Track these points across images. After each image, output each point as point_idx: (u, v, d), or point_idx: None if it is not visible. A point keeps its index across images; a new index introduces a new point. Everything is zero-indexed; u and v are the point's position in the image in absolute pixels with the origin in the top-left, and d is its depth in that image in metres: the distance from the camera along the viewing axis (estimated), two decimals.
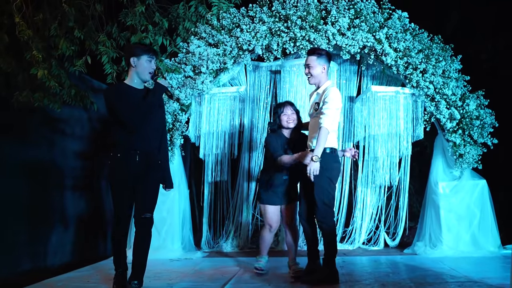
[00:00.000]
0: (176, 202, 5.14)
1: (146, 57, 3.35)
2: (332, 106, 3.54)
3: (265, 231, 4.11)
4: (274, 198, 3.98)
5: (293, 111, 3.97)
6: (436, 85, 4.92)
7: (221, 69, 5.16)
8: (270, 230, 4.08)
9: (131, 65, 3.36)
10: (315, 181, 3.48)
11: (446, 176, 5.06)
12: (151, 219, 3.38)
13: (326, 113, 3.52)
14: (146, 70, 3.36)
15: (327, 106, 3.54)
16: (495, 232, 4.86)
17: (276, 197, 3.98)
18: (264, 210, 4.05)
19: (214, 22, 5.17)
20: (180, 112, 5.15)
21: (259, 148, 5.68)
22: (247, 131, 5.67)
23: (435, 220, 4.99)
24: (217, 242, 5.60)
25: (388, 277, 3.79)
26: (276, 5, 5.08)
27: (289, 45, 5.01)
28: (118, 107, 3.24)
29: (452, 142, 4.93)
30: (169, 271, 4.22)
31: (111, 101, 3.29)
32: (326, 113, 3.51)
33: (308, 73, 3.72)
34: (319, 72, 3.70)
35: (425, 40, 5.05)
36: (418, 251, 4.95)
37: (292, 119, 3.94)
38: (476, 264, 4.29)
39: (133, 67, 3.36)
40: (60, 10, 4.47)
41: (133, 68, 3.36)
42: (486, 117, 4.92)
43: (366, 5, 5.01)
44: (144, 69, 3.36)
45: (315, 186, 3.55)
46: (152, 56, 3.39)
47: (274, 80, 5.82)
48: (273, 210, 4.01)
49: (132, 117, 3.24)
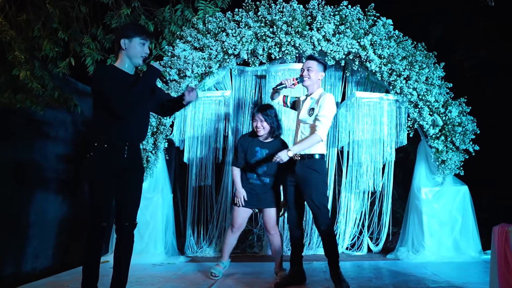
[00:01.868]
0: (159, 206, 5.10)
1: (139, 39, 2.97)
2: (329, 115, 3.57)
3: (228, 231, 4.13)
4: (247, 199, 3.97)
5: (262, 120, 3.89)
6: (420, 92, 4.98)
7: (206, 73, 5.16)
8: (231, 231, 4.06)
9: (122, 48, 2.97)
10: (314, 186, 3.56)
11: (429, 182, 5.11)
12: (135, 224, 3.14)
13: (322, 121, 3.54)
14: (138, 53, 2.98)
15: (324, 114, 3.55)
16: (476, 238, 4.92)
17: (249, 199, 3.96)
18: (232, 210, 4.09)
19: (200, 26, 5.17)
20: None
21: None
22: (231, 136, 5.66)
23: (417, 225, 5.03)
24: (200, 246, 5.56)
25: (371, 282, 3.81)
26: (262, 10, 5.10)
27: (274, 50, 5.03)
28: (106, 87, 2.83)
29: (434, 148, 4.99)
30: (151, 276, 4.17)
31: (100, 79, 2.90)
32: (323, 121, 3.54)
33: (307, 75, 3.69)
34: (317, 78, 3.73)
35: (409, 47, 5.11)
36: (401, 256, 4.98)
37: (261, 127, 3.90)
38: (458, 269, 4.33)
39: (123, 50, 2.98)
40: (44, 11, 4.44)
41: (124, 51, 2.98)
42: (468, 124, 4.99)
43: (351, 12, 5.06)
44: (136, 53, 2.98)
45: (314, 192, 3.58)
46: (145, 39, 3.01)
47: (260, 85, 5.84)
48: (240, 212, 3.99)
49: (118, 102, 2.82)
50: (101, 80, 2.88)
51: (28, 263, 4.58)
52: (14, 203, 4.40)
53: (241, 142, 4.03)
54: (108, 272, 3.49)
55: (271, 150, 3.88)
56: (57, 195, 5.06)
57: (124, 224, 3.03)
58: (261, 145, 3.97)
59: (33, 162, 4.71)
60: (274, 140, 4.00)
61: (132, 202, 3.07)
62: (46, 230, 4.86)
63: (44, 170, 4.87)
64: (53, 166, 5.01)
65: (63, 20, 4.71)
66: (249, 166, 3.96)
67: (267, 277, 4.05)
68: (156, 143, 5.08)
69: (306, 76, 3.71)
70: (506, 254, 2.22)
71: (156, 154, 5.12)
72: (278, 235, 4.08)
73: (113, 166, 2.91)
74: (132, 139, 3.00)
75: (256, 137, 3.98)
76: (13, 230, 4.38)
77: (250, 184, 3.99)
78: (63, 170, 5.16)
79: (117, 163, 2.92)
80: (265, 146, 3.96)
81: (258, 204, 4.01)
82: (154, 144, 5.08)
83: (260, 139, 3.97)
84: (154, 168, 5.15)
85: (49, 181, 4.94)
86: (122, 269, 3.09)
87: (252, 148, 3.95)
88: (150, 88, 3.04)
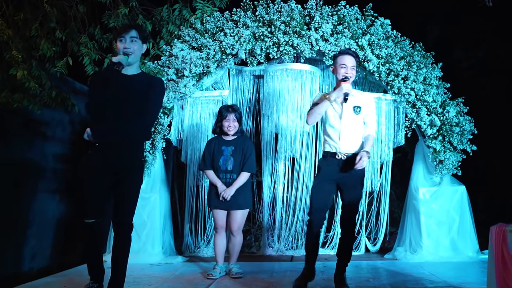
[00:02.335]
0: (157, 206, 5.09)
1: (118, 38, 3.05)
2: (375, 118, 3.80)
3: (214, 234, 4.24)
4: (216, 202, 4.09)
5: (235, 119, 4.11)
6: (417, 92, 4.99)
7: (204, 73, 5.15)
8: (216, 231, 4.18)
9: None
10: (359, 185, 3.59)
11: (427, 182, 5.11)
12: (131, 224, 3.10)
13: (374, 124, 3.70)
14: (120, 51, 3.02)
15: (374, 117, 3.72)
16: (473, 238, 4.93)
17: (218, 202, 4.07)
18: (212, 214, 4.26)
19: (197, 26, 5.16)
20: (162, 115, 5.11)
21: None
22: None
23: (415, 225, 5.03)
24: (198, 246, 5.55)
25: (368, 282, 3.81)
26: (260, 10, 5.09)
27: (272, 50, 5.02)
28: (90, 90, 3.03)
29: (432, 148, 4.99)
30: (148, 276, 4.17)
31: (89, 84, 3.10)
32: (375, 124, 3.71)
33: (351, 76, 3.64)
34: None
35: (406, 47, 5.12)
36: (399, 256, 4.99)
37: (233, 126, 4.11)
38: (455, 269, 4.34)
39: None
40: (41, 10, 4.43)
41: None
42: (466, 124, 5.00)
43: (349, 12, 5.06)
44: (119, 51, 3.03)
45: (358, 190, 3.62)
46: (121, 36, 3.03)
47: (257, 85, 5.83)
48: (218, 214, 4.12)
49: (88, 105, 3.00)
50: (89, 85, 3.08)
51: (26, 263, 4.56)
52: (11, 203, 4.39)
53: (207, 145, 4.24)
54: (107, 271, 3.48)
55: (236, 146, 4.12)
56: (55, 194, 5.05)
57: (117, 223, 3.04)
58: (226, 143, 4.16)
59: (30, 161, 4.70)
60: (237, 137, 4.19)
61: (125, 200, 3.05)
62: (43, 230, 4.85)
63: (41, 169, 4.85)
64: (50, 166, 4.99)
65: (60, 20, 4.70)
66: (218, 166, 4.11)
67: (265, 277, 4.05)
68: (154, 143, 5.08)
69: (351, 77, 3.64)
70: (504, 254, 2.23)
71: (154, 154, 5.11)
72: (241, 236, 4.21)
73: (99, 165, 2.96)
74: (116, 138, 2.99)
75: (220, 137, 4.19)
76: (10, 230, 4.36)
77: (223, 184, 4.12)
78: (61, 169, 5.15)
79: (104, 162, 2.96)
80: (230, 143, 4.16)
81: (228, 207, 4.08)
82: (152, 144, 5.07)
83: (226, 138, 4.17)
84: (151, 168, 5.14)
85: (46, 181, 4.93)
86: (118, 270, 3.09)
87: (218, 148, 4.15)
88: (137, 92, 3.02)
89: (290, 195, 5.69)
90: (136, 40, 3.04)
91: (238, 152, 4.11)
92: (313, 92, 5.38)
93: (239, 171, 4.10)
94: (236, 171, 4.10)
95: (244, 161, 4.11)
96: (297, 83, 5.30)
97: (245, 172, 4.10)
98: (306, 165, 5.74)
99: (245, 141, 4.22)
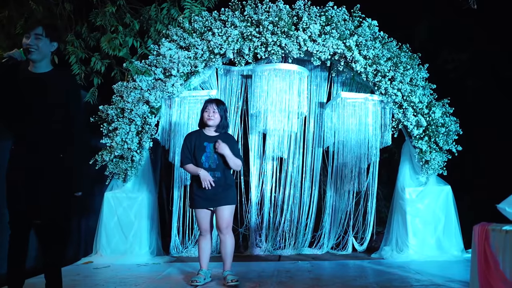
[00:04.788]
0: (144, 206, 5.06)
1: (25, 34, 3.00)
2: None
3: (199, 237, 3.91)
4: (200, 201, 3.76)
5: (215, 110, 3.79)
6: (404, 93, 5.04)
7: (192, 72, 5.14)
8: (201, 234, 3.85)
9: None
10: None
11: (413, 182, 5.16)
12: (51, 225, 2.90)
13: None
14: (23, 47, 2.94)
15: None
16: (458, 237, 4.98)
17: (203, 200, 3.75)
18: (194, 214, 3.89)
19: (186, 25, 5.15)
20: (150, 115, 5.09)
21: None
22: None
23: (401, 225, 5.07)
24: (185, 246, 5.54)
25: (355, 281, 3.83)
26: (248, 9, 5.10)
27: (260, 50, 5.03)
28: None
29: (418, 148, 5.04)
30: (135, 276, 4.14)
31: None
32: None
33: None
34: None
35: (393, 48, 5.16)
36: (385, 255, 5.03)
37: (213, 117, 3.78)
38: (441, 267, 4.38)
39: None
40: (27, 7, 4.38)
41: None
42: (451, 124, 5.05)
43: (337, 13, 5.09)
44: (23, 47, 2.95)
45: None
46: (27, 32, 2.98)
47: (245, 85, 5.84)
48: (201, 214, 3.78)
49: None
50: None
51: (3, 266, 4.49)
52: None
53: (186, 140, 3.86)
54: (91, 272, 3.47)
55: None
56: None
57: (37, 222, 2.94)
58: (208, 139, 3.81)
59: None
60: (219, 134, 3.85)
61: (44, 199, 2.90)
62: None
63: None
64: None
65: (46, 17, 4.65)
66: (200, 163, 3.76)
67: (253, 277, 4.05)
68: (141, 142, 5.05)
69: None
70: (486, 252, 2.26)
71: (141, 154, 5.08)
72: (233, 237, 3.85)
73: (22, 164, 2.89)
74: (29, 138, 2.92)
75: (201, 132, 3.87)
76: None
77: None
78: None
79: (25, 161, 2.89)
80: (213, 140, 3.80)
81: (213, 204, 3.78)
82: (139, 144, 5.04)
83: (208, 133, 3.84)
84: (138, 168, 5.12)
85: None
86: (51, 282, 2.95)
87: (200, 143, 3.79)
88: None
89: (278, 195, 5.70)
90: (41, 37, 2.96)
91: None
92: (301, 92, 5.40)
93: (224, 169, 3.79)
94: (220, 169, 3.76)
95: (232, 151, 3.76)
96: (285, 83, 5.31)
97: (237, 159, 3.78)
98: (294, 165, 5.77)
99: (228, 138, 3.88)
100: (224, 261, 3.81)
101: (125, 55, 4.81)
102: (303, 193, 5.79)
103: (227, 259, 3.80)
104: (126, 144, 4.96)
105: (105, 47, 4.67)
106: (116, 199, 5.03)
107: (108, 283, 3.81)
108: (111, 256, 4.88)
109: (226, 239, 3.78)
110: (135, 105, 4.99)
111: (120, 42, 4.69)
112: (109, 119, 5.02)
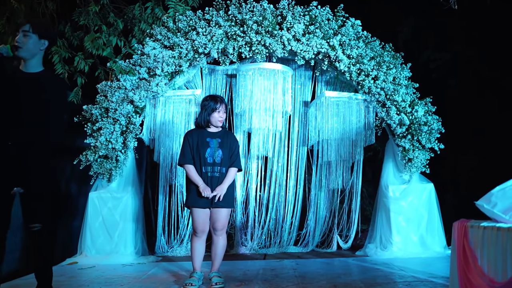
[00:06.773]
0: (129, 206, 5.04)
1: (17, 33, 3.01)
2: None
3: (192, 237, 3.78)
4: (197, 200, 3.67)
5: (224, 111, 3.79)
6: (387, 92, 5.09)
7: (176, 72, 5.13)
8: (195, 235, 3.73)
9: None
10: None
11: (396, 179, 5.22)
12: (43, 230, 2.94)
13: None
14: None
15: None
16: (441, 234, 5.06)
17: (200, 199, 3.65)
18: (191, 213, 3.82)
19: (170, 25, 5.14)
20: (134, 115, 5.07)
21: None
22: None
23: (385, 222, 5.13)
24: (171, 246, 5.53)
25: (339, 278, 3.86)
26: (233, 9, 5.11)
27: (245, 49, 5.04)
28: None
29: (402, 147, 5.10)
30: (120, 276, 4.13)
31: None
32: None
33: None
34: None
35: (377, 47, 5.22)
36: (370, 253, 5.08)
37: (223, 117, 3.78)
38: (424, 264, 4.44)
39: None
40: (8, 6, 4.33)
41: None
42: (434, 123, 5.12)
43: (320, 12, 5.13)
44: None
45: None
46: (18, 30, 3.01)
47: (230, 84, 5.85)
48: (199, 213, 3.68)
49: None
50: None
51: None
52: None
53: (188, 137, 3.77)
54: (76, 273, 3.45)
55: (222, 139, 3.77)
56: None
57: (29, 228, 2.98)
58: (211, 135, 3.76)
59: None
60: (220, 130, 3.84)
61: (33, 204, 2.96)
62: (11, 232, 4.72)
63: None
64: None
65: (29, 16, 4.60)
66: (204, 158, 3.70)
67: (238, 275, 4.06)
68: (125, 142, 5.02)
69: None
70: (465, 248, 2.30)
71: (126, 153, 5.06)
72: (226, 239, 3.80)
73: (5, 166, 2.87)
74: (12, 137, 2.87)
75: (203, 130, 3.80)
76: None
77: (206, 179, 3.68)
78: None
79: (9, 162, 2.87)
80: (215, 135, 3.77)
81: (213, 204, 3.66)
82: (124, 143, 5.01)
83: (210, 130, 3.80)
84: (123, 168, 5.10)
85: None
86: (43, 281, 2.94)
87: (202, 140, 3.73)
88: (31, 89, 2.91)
89: (263, 194, 5.73)
90: (29, 34, 2.94)
91: (226, 144, 3.73)
92: (285, 91, 5.43)
93: (228, 165, 3.74)
94: (225, 165, 3.71)
95: (232, 157, 3.75)
96: (269, 82, 5.33)
97: (234, 168, 3.75)
98: (279, 164, 5.80)
99: (229, 134, 3.86)
100: (213, 261, 3.75)
101: (109, 54, 4.79)
102: (288, 192, 5.83)
103: (216, 259, 3.74)
104: (111, 144, 4.94)
105: (88, 46, 4.64)
106: (101, 199, 5.00)
107: (93, 283, 3.79)
108: (96, 256, 4.86)
109: (219, 240, 3.73)
110: (120, 104, 4.96)
111: (103, 41, 4.66)
112: (93, 118, 4.98)
